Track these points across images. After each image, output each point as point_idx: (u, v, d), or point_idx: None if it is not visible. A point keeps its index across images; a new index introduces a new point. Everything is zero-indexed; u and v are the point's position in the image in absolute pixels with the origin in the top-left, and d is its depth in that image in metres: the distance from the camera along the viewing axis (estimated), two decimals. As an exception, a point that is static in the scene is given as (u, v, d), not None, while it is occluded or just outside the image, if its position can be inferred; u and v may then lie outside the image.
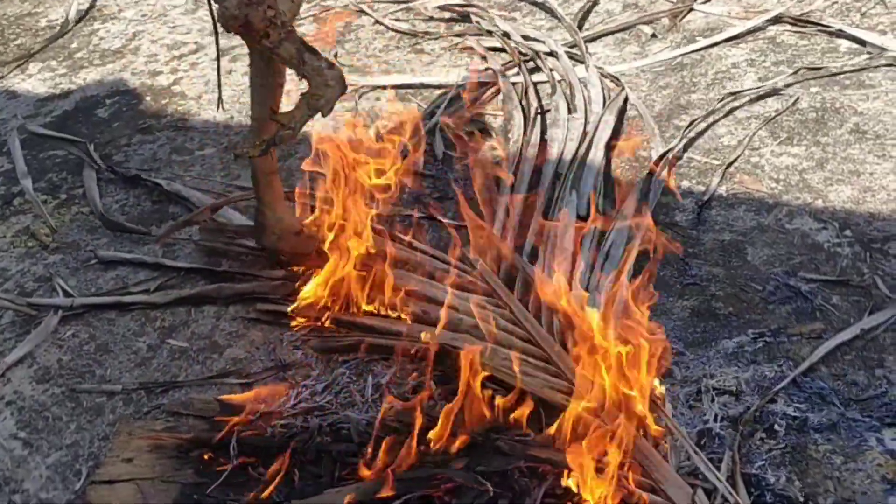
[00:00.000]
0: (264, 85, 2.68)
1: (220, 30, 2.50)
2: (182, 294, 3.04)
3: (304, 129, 2.58)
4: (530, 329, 2.64)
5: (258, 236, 2.97)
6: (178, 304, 3.02)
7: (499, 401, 2.38)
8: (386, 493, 2.22)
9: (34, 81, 4.50)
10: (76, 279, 3.17)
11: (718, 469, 2.27)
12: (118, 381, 2.79)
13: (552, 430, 2.32)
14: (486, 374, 2.42)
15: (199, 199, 3.46)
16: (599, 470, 2.21)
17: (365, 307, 2.79)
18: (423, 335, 2.58)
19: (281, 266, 2.97)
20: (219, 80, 2.87)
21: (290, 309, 2.87)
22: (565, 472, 2.22)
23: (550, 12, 4.43)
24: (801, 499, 2.23)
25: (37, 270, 3.24)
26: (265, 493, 2.32)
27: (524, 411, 2.37)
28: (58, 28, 4.95)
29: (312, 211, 2.97)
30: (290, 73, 2.59)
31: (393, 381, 2.60)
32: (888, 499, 2.22)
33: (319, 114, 2.48)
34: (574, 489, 2.20)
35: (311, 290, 2.85)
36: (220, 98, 2.86)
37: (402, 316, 2.75)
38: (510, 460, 2.29)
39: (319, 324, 2.82)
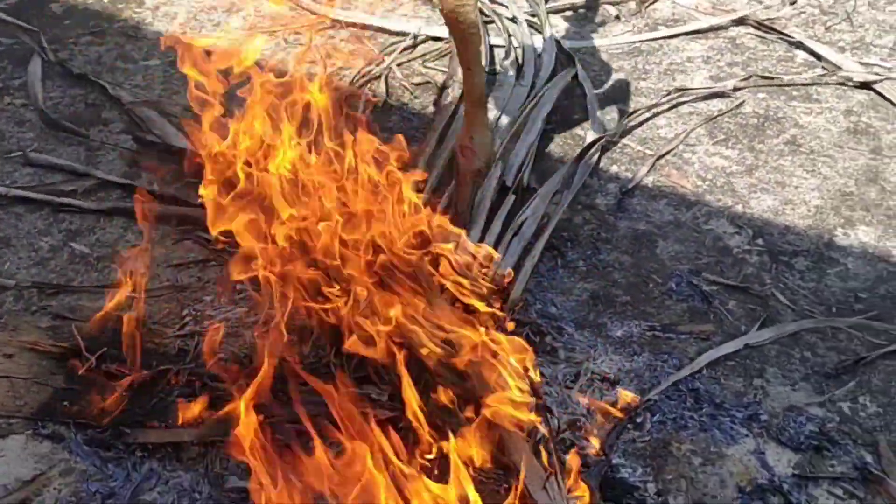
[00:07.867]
0: None
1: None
2: (118, 206, 3.02)
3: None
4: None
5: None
6: (110, 214, 3.01)
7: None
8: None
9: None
10: (-8, 169, 3.16)
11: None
12: (13, 276, 2.78)
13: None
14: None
15: (143, 113, 3.42)
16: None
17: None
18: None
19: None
20: None
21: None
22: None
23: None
24: (653, 494, 2.27)
25: (-47, 155, 3.22)
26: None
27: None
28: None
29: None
30: None
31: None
32: (736, 507, 2.26)
33: None
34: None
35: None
36: None
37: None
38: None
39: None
